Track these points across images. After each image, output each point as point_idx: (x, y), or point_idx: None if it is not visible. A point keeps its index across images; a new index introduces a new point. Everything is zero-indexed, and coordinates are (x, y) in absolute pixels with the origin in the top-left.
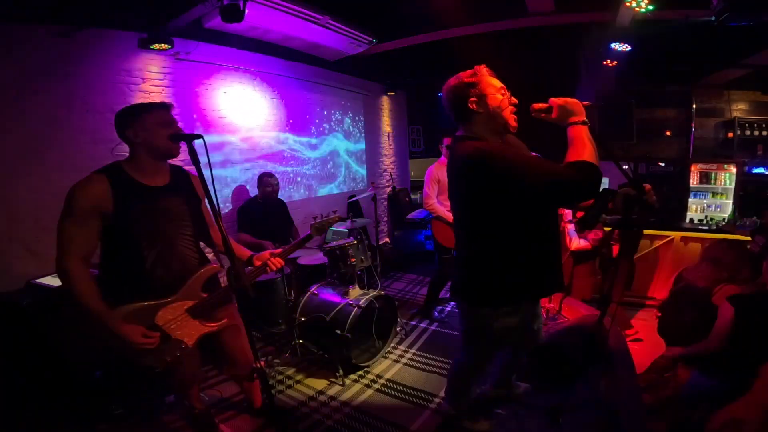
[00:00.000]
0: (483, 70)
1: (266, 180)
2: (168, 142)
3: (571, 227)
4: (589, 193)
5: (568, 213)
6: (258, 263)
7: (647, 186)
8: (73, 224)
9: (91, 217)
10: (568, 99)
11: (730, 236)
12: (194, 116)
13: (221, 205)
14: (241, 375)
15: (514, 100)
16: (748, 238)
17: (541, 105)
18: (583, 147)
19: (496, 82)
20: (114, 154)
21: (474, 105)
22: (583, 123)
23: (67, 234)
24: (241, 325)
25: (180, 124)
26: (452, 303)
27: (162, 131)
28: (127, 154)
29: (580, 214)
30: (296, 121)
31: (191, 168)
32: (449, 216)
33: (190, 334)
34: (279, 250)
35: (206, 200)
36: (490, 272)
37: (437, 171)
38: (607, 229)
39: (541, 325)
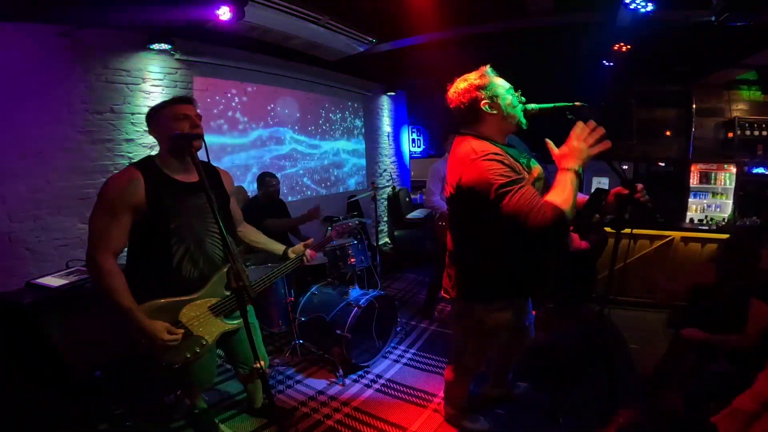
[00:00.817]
0: (489, 70)
1: (267, 180)
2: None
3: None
4: (545, 234)
5: None
6: (293, 255)
7: (639, 185)
8: (106, 218)
9: (124, 212)
10: (576, 146)
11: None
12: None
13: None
14: (245, 375)
15: (523, 98)
16: None
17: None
18: (563, 191)
19: (504, 82)
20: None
21: (486, 106)
22: (575, 171)
23: (101, 228)
24: (255, 324)
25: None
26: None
27: (175, 125)
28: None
29: None
30: (296, 120)
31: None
32: None
33: (211, 332)
34: (310, 240)
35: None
36: (485, 268)
37: (444, 169)
38: (608, 229)
39: (532, 322)
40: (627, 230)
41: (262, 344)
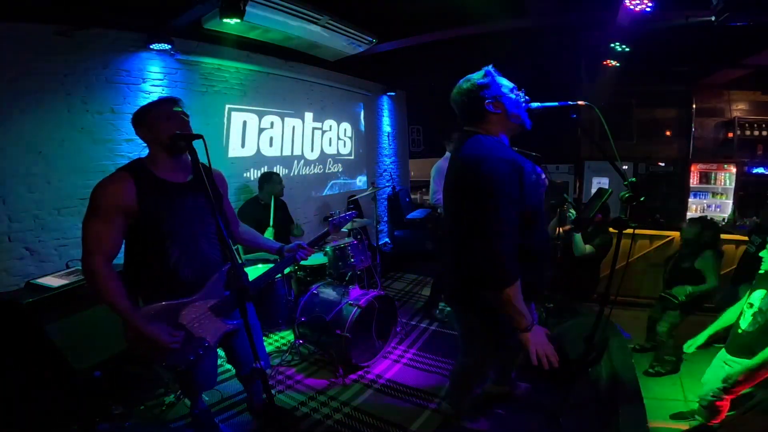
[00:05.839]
0: (492, 70)
1: (275, 178)
2: (169, 137)
3: (578, 235)
4: (477, 273)
5: None
6: (288, 254)
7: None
8: (98, 223)
9: (116, 216)
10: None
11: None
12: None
13: None
14: (244, 376)
15: (527, 98)
16: (746, 238)
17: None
18: (518, 303)
19: (507, 82)
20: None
21: (492, 106)
22: (524, 329)
23: (93, 233)
24: (257, 323)
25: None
26: None
27: (164, 125)
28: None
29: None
30: (296, 120)
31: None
32: None
33: (212, 333)
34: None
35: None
36: None
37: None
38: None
39: (536, 322)
40: (629, 230)
41: (264, 346)
